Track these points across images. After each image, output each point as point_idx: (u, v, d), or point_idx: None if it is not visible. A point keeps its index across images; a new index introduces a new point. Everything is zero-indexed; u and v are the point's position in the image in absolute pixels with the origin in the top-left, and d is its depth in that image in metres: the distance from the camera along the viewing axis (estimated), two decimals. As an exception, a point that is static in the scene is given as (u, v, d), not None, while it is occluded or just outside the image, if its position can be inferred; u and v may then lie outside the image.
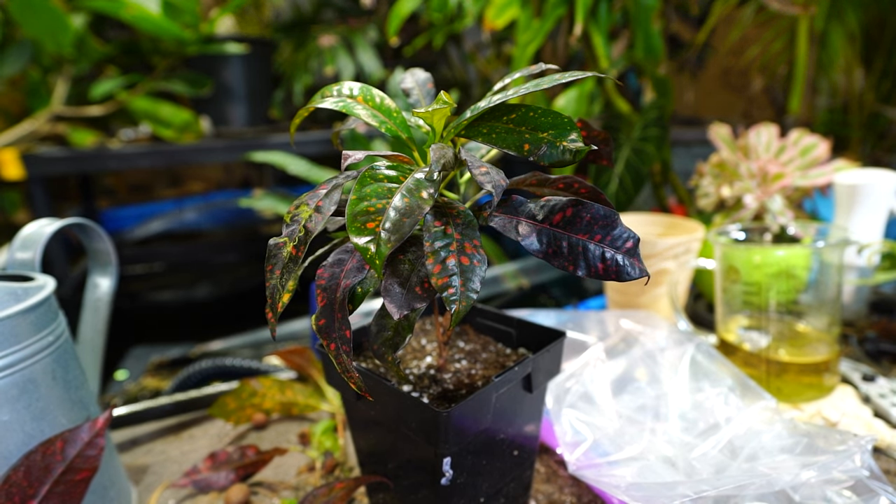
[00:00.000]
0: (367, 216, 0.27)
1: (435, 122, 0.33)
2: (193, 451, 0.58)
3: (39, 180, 1.39)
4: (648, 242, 0.69)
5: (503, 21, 1.07)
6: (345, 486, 0.43)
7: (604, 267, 0.29)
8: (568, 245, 0.30)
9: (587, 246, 0.29)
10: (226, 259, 2.16)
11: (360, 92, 0.35)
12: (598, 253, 0.29)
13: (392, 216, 0.27)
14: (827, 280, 0.60)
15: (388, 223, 0.26)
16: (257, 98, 1.64)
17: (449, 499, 0.38)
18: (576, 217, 0.30)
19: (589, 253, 0.29)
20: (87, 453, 0.38)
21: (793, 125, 1.23)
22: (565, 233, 0.30)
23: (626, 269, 0.29)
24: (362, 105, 0.34)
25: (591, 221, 0.30)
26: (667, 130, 1.03)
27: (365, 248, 0.26)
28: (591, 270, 0.29)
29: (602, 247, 0.29)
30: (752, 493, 0.39)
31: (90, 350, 0.54)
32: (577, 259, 0.29)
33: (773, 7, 1.28)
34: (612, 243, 0.29)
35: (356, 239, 0.26)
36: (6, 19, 1.25)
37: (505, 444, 0.41)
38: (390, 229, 0.26)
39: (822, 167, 0.84)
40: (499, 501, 0.43)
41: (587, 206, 0.30)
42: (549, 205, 0.31)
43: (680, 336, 0.60)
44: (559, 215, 0.30)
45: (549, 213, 0.30)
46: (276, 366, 0.74)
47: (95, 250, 0.54)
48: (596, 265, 0.29)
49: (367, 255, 0.26)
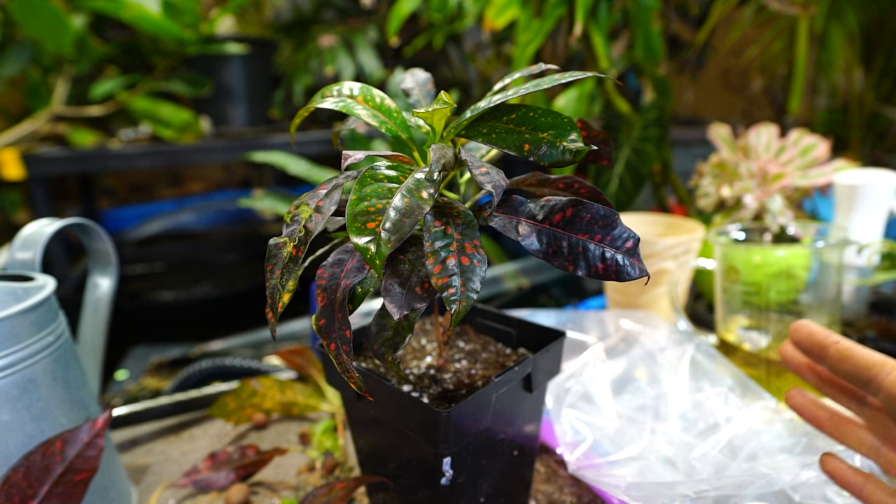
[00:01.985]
0: (368, 216, 0.27)
1: (435, 122, 0.33)
2: (193, 451, 0.58)
3: (39, 180, 1.39)
4: (648, 242, 0.69)
5: (503, 21, 1.07)
6: (345, 486, 0.43)
7: (604, 267, 0.29)
8: (568, 245, 0.30)
9: (587, 246, 0.29)
10: (226, 259, 2.16)
11: (360, 92, 0.35)
12: (598, 253, 0.29)
13: (392, 216, 0.27)
14: (827, 280, 0.60)
15: (389, 223, 0.26)
16: (257, 98, 1.64)
17: (449, 499, 0.38)
18: (576, 217, 0.30)
19: (589, 253, 0.29)
20: (86, 454, 0.38)
21: (793, 125, 1.23)
22: (565, 233, 0.30)
23: (626, 269, 0.29)
24: (362, 105, 0.34)
25: (591, 221, 0.30)
26: (667, 130, 1.03)
27: (365, 248, 0.26)
28: (592, 270, 0.29)
29: (602, 247, 0.29)
30: (752, 493, 0.39)
31: (90, 350, 0.54)
32: (577, 259, 0.29)
33: (772, 7, 1.28)
34: (612, 243, 0.29)
35: (356, 239, 0.26)
36: (6, 19, 1.25)
37: (505, 444, 0.41)
38: (390, 229, 0.26)
39: (822, 167, 0.84)
40: (499, 501, 0.43)
41: (587, 205, 0.30)
42: (548, 205, 0.31)
43: (680, 336, 0.60)
44: (559, 215, 0.30)
45: (549, 213, 0.30)
46: (276, 366, 0.74)
47: (95, 250, 0.54)
48: (596, 265, 0.29)
49: (368, 255, 0.26)
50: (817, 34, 1.40)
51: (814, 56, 1.45)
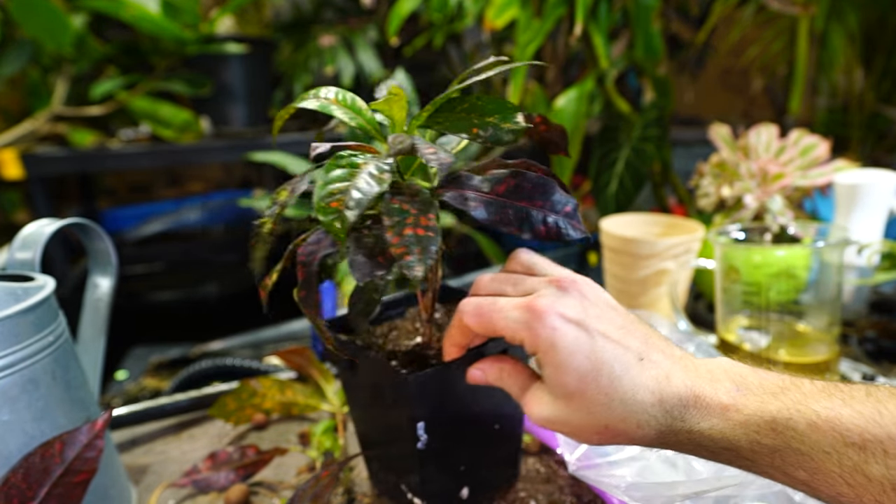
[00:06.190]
0: (331, 197, 0.30)
1: (394, 113, 0.36)
2: (193, 451, 0.58)
3: (39, 180, 1.39)
4: (648, 242, 0.69)
5: (503, 21, 1.07)
6: (330, 473, 0.45)
7: (546, 229, 0.33)
8: (513, 212, 0.33)
9: (529, 212, 0.33)
10: (226, 259, 2.16)
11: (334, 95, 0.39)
12: (539, 217, 0.33)
13: (353, 195, 0.30)
14: (827, 280, 0.60)
15: (351, 201, 0.30)
16: (257, 98, 1.63)
17: (426, 461, 0.41)
18: (517, 187, 0.34)
19: (532, 217, 0.33)
20: (85, 455, 0.38)
21: (793, 125, 1.23)
22: (509, 201, 0.33)
23: (566, 231, 0.33)
24: (337, 105, 0.38)
25: (532, 189, 0.34)
26: (667, 130, 1.03)
27: (330, 223, 0.29)
28: (536, 232, 0.33)
29: (543, 212, 0.33)
30: (752, 493, 0.39)
31: (90, 350, 0.54)
32: (522, 224, 0.33)
33: (773, 7, 1.28)
34: (552, 208, 0.33)
35: (322, 217, 0.30)
36: (6, 19, 1.25)
37: (483, 416, 0.44)
38: (351, 206, 0.30)
39: (822, 167, 0.84)
40: (481, 472, 0.45)
41: (526, 175, 0.34)
42: (493, 177, 0.34)
43: (680, 336, 0.60)
44: (503, 185, 0.34)
45: (494, 185, 0.34)
46: (276, 366, 0.74)
47: (95, 250, 0.54)
48: (539, 228, 0.33)
49: (333, 230, 0.30)
50: (818, 34, 1.41)
51: (814, 56, 1.45)
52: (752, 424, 0.28)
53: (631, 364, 0.31)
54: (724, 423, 0.29)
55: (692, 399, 0.30)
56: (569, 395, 0.31)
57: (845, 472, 0.26)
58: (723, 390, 0.30)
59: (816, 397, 0.28)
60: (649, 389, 0.30)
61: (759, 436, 0.28)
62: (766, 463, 0.29)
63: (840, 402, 0.27)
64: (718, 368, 0.31)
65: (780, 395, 0.29)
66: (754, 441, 0.28)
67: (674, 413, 0.30)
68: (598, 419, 0.31)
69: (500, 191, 0.34)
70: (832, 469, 0.27)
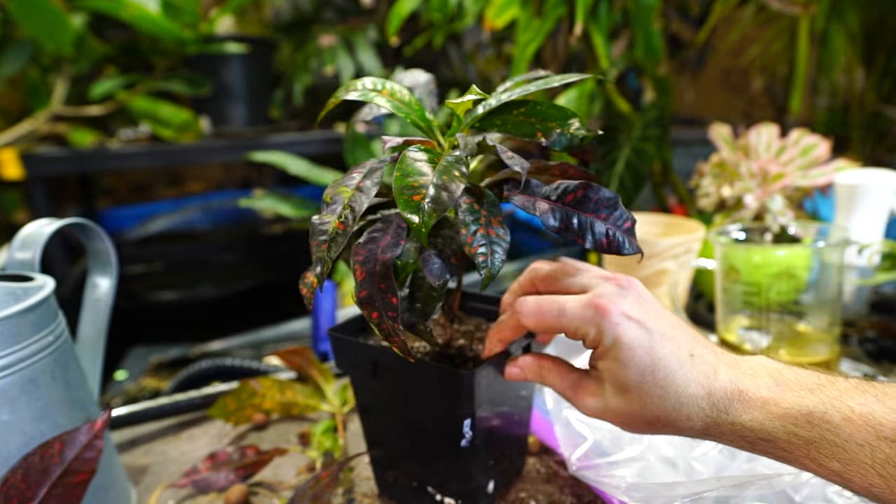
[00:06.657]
0: (413, 190, 0.30)
1: (461, 112, 0.37)
2: (193, 451, 0.58)
3: (39, 180, 1.39)
4: (648, 242, 0.69)
5: (503, 21, 1.07)
6: (330, 473, 0.45)
7: (607, 241, 0.34)
8: (577, 222, 0.34)
9: (594, 223, 0.35)
10: (226, 259, 2.16)
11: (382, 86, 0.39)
12: (602, 229, 0.34)
13: (432, 192, 0.30)
14: (827, 280, 0.60)
15: (429, 197, 0.30)
16: (257, 98, 1.63)
17: (467, 459, 0.41)
18: (585, 198, 0.35)
19: (595, 229, 0.34)
20: (85, 455, 0.38)
21: (793, 125, 1.23)
22: (576, 211, 0.35)
23: (624, 245, 0.34)
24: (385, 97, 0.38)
25: (598, 202, 0.35)
26: (667, 130, 1.03)
27: (411, 218, 0.30)
28: (597, 244, 0.34)
29: (606, 225, 0.35)
30: (752, 493, 0.39)
31: (90, 350, 0.53)
32: (585, 233, 0.34)
33: (773, 7, 1.28)
34: (614, 222, 0.35)
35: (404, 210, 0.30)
36: (6, 19, 1.25)
37: (508, 409, 0.45)
38: (432, 202, 0.30)
39: (823, 167, 0.84)
40: (503, 463, 0.46)
41: (594, 188, 0.35)
42: (562, 187, 0.35)
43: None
44: (571, 196, 0.35)
45: (563, 194, 0.35)
46: (276, 366, 0.74)
47: (95, 250, 0.54)
48: (601, 240, 0.34)
49: (414, 225, 0.30)
50: (818, 34, 1.40)
51: (814, 56, 1.45)
52: (790, 417, 0.30)
53: (684, 360, 0.33)
54: (763, 416, 0.31)
55: (736, 393, 0.32)
56: (626, 388, 0.33)
57: (877, 464, 0.28)
58: (763, 385, 0.32)
59: (851, 393, 0.30)
60: (700, 384, 0.32)
61: (797, 428, 0.30)
62: (802, 454, 0.30)
63: (873, 398, 0.29)
64: (758, 365, 0.33)
65: (817, 391, 0.31)
66: (791, 433, 0.30)
67: (720, 406, 0.32)
68: (652, 410, 0.33)
69: (567, 200, 0.35)
70: (865, 461, 0.28)
